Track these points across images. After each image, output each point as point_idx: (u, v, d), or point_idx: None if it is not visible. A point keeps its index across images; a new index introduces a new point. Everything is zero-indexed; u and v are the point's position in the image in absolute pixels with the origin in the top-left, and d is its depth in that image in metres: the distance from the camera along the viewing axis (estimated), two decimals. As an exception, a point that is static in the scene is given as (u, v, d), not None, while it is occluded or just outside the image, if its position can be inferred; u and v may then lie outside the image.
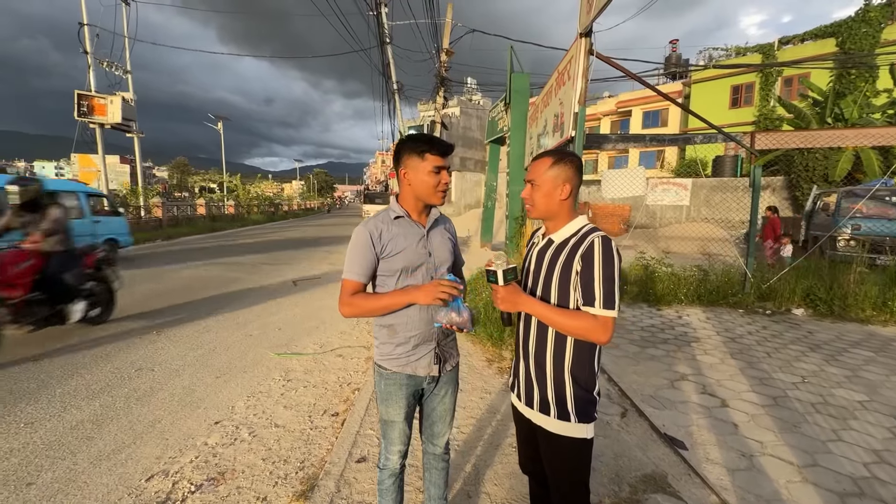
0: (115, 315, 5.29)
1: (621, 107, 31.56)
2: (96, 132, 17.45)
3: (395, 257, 1.53)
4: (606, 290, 1.27)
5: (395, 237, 1.54)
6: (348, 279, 1.54)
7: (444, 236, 1.66)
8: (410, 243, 1.55)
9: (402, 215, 1.57)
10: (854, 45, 19.62)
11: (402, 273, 1.54)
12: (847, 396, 3.37)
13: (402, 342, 1.56)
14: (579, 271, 1.31)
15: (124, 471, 2.46)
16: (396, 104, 16.88)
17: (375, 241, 1.53)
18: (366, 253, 1.52)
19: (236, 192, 33.92)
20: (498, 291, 1.38)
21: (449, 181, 1.56)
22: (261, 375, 3.82)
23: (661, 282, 6.52)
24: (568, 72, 4.60)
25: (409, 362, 1.57)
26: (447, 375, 1.67)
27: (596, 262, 1.28)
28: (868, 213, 8.53)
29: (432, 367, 1.59)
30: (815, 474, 2.39)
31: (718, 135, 6.57)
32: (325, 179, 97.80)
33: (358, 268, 1.53)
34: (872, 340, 4.82)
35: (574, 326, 1.29)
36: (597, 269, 1.28)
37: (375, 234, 1.53)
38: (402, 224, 1.57)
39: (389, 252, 1.53)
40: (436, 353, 1.59)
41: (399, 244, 1.53)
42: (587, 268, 1.29)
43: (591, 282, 1.28)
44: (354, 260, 1.53)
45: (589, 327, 1.27)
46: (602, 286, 1.27)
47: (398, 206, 1.60)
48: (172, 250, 12.62)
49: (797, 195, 15.78)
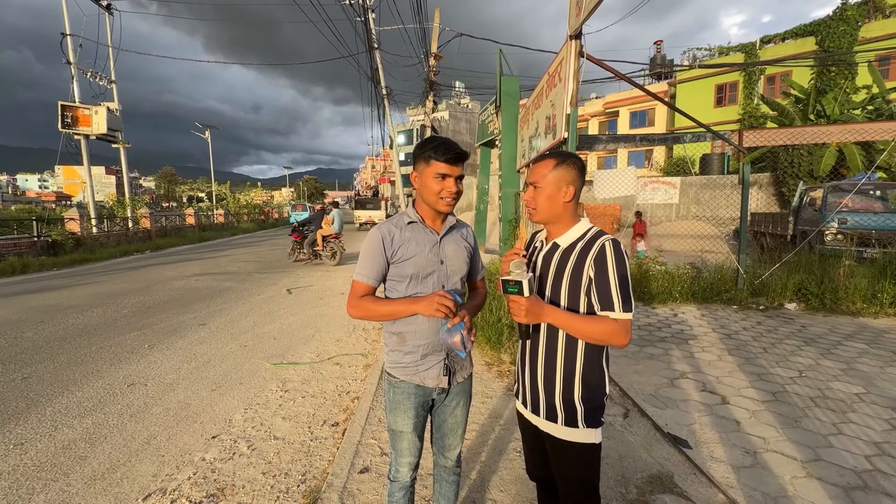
0: (104, 328, 5.19)
1: (609, 107, 31.88)
2: (81, 143, 17.19)
3: (406, 263, 1.50)
4: (623, 294, 1.27)
5: (406, 242, 1.50)
6: (358, 281, 1.52)
7: (460, 244, 1.60)
8: (422, 249, 1.51)
9: (416, 220, 1.53)
10: (833, 43, 20.06)
11: (413, 279, 1.51)
12: (844, 389, 3.40)
13: (410, 351, 1.53)
14: (592, 277, 1.29)
15: (120, 490, 2.39)
16: (386, 109, 16.86)
17: (387, 244, 1.50)
18: (376, 256, 1.50)
19: (225, 200, 33.62)
20: (522, 303, 1.28)
21: (455, 190, 1.47)
22: (257, 387, 3.76)
23: (656, 280, 6.56)
24: (559, 74, 4.62)
25: (418, 372, 1.54)
26: (458, 387, 1.62)
27: (609, 266, 1.27)
28: (854, 207, 8.67)
29: (441, 379, 1.54)
30: (819, 469, 2.39)
31: (707, 133, 6.65)
32: (315, 186, 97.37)
33: (368, 271, 1.51)
34: (865, 332, 4.88)
35: (597, 332, 1.27)
36: (611, 274, 1.27)
37: (388, 238, 1.50)
38: (415, 229, 1.53)
39: (400, 257, 1.50)
40: (445, 364, 1.55)
41: (410, 250, 1.50)
42: (601, 273, 1.28)
43: (607, 287, 1.27)
44: (365, 262, 1.51)
45: (611, 331, 1.26)
46: (619, 290, 1.26)
47: (413, 210, 1.55)
48: (162, 262, 12.45)
49: (784, 191, 16.04)
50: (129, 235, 17.34)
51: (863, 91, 16.74)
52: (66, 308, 6.53)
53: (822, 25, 20.47)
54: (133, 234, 17.78)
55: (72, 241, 13.81)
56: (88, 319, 5.86)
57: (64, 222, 14.96)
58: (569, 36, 4.24)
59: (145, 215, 19.36)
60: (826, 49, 20.20)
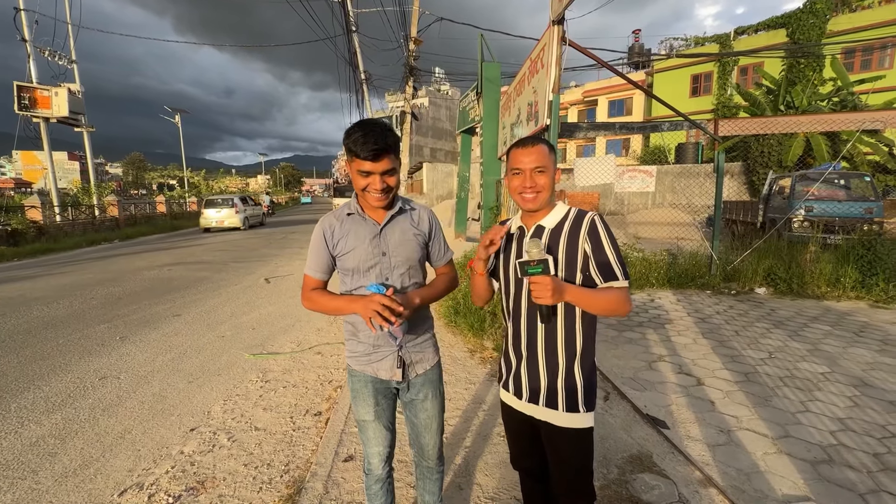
0: (71, 321, 4.97)
1: (588, 96, 32.09)
2: (40, 127, 16.26)
3: (346, 257, 1.46)
4: (621, 262, 1.32)
5: (345, 235, 1.46)
6: (307, 274, 1.52)
7: (407, 233, 1.49)
8: (360, 242, 1.44)
9: (353, 212, 1.47)
10: (802, 35, 20.63)
11: (354, 273, 1.47)
12: (811, 369, 3.56)
13: (363, 341, 1.51)
14: (589, 252, 1.33)
15: (94, 486, 2.31)
16: (365, 95, 16.53)
17: (328, 238, 1.47)
18: (319, 251, 1.48)
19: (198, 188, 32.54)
20: (547, 284, 1.22)
21: (382, 187, 1.37)
22: (237, 378, 3.68)
23: (634, 266, 6.69)
24: (541, 60, 4.59)
25: (371, 363, 1.51)
26: (422, 378, 1.56)
27: (603, 239, 1.33)
28: (820, 195, 9.02)
29: (395, 371, 1.49)
30: (788, 445, 2.51)
31: (684, 122, 6.76)
32: (292, 173, 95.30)
33: (314, 265, 1.50)
34: (829, 315, 5.11)
35: (609, 302, 1.29)
36: (606, 246, 1.32)
37: (328, 232, 1.47)
38: (354, 221, 1.47)
39: (341, 251, 1.47)
40: (399, 356, 1.49)
41: (349, 243, 1.45)
42: (597, 246, 1.32)
43: (606, 258, 1.32)
44: (311, 256, 1.51)
45: (617, 300, 1.29)
46: (616, 259, 1.32)
47: (354, 200, 1.49)
48: (132, 251, 12.00)
49: (754, 180, 16.56)
50: (95, 224, 16.63)
51: (829, 83, 17.33)
52: (30, 300, 6.23)
53: (793, 18, 21.00)
54: (100, 222, 17.05)
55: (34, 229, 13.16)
56: (54, 311, 5.61)
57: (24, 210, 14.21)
58: (551, 21, 4.20)
59: (113, 203, 18.58)
60: (796, 41, 20.76)
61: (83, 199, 18.45)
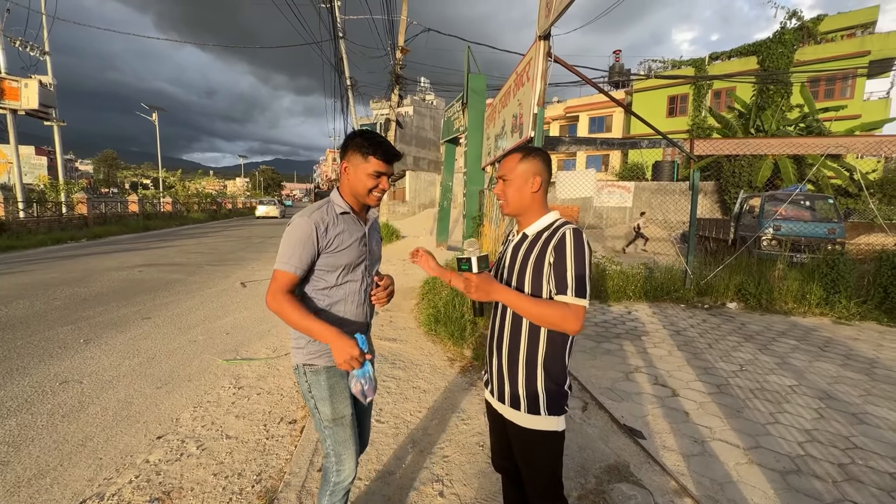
0: (31, 321, 4.73)
1: (569, 112, 32.84)
2: (7, 118, 15.60)
3: (341, 253, 1.50)
4: (578, 280, 1.29)
5: (342, 233, 1.50)
6: (285, 271, 1.42)
7: (375, 236, 1.69)
8: (354, 240, 1.53)
9: (348, 211, 1.54)
10: (772, 63, 21.71)
11: (345, 269, 1.53)
12: (779, 382, 3.68)
13: None
14: (552, 262, 1.32)
15: (49, 497, 2.17)
16: (350, 101, 16.48)
17: (321, 235, 1.45)
18: (308, 246, 1.44)
19: (174, 188, 31.68)
20: (472, 279, 1.36)
21: (387, 188, 1.55)
22: (208, 384, 3.55)
23: (612, 279, 6.81)
24: (527, 73, 4.68)
25: None
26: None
27: (568, 252, 1.30)
28: (787, 215, 9.42)
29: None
30: (759, 455, 2.57)
31: (661, 140, 6.98)
32: (273, 176, 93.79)
33: (297, 260, 1.43)
34: (795, 330, 5.31)
35: (547, 315, 1.29)
36: (569, 260, 1.30)
37: (321, 228, 1.45)
38: (348, 220, 1.54)
39: (335, 248, 1.48)
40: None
41: (345, 240, 1.51)
42: (559, 258, 1.31)
43: (563, 271, 1.30)
44: (294, 252, 1.42)
45: (561, 315, 1.28)
46: (574, 275, 1.29)
47: (342, 200, 1.54)
48: (100, 251, 11.54)
49: (726, 199, 17.17)
50: (62, 222, 15.94)
51: (796, 110, 18.24)
52: (-13, 299, 5.90)
53: (764, 46, 22.09)
54: (67, 220, 16.35)
55: (-6, 225, 12.52)
56: (13, 311, 5.32)
57: (-15, 205, 13.54)
58: (538, 36, 4.30)
59: (81, 200, 17.85)
60: (766, 68, 21.82)
61: (50, 196, 17.70)
